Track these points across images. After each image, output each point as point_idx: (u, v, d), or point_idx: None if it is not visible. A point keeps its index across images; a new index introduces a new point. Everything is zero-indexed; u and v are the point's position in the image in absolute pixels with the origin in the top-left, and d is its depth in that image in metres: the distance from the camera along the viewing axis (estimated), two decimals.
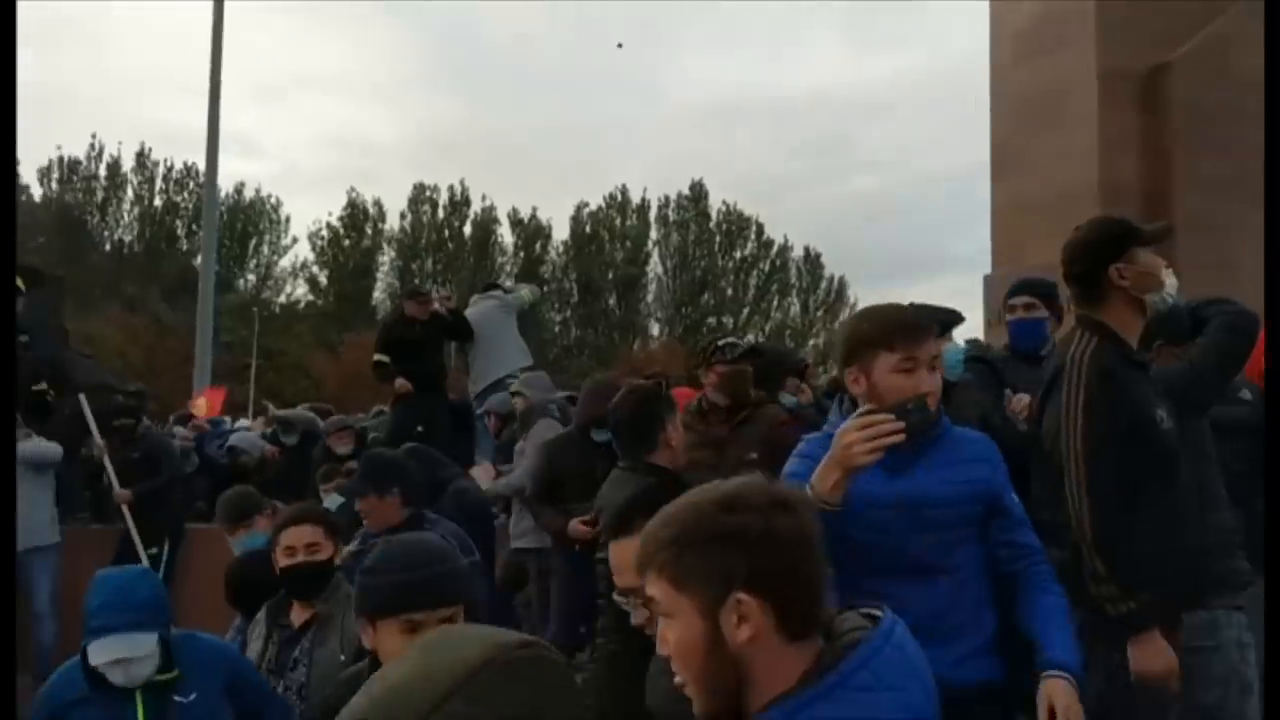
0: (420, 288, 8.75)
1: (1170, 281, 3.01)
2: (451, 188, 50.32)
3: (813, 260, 52.37)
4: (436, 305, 8.22)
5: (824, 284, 52.24)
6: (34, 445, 7.16)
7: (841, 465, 2.25)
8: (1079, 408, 2.82)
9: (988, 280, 7.92)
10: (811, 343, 50.11)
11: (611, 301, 51.36)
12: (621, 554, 1.98)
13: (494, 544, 6.05)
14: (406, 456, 4.42)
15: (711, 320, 50.13)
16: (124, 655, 2.80)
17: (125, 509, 7.32)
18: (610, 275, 50.89)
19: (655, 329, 51.63)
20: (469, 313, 8.31)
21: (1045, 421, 2.96)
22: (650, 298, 52.23)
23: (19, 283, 7.70)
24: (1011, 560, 2.53)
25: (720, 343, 4.68)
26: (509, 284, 9.44)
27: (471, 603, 2.26)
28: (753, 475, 1.37)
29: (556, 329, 50.23)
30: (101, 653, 2.80)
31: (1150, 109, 7.14)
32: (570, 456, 5.19)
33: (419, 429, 7.87)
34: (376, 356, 8.24)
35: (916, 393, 2.34)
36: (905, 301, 4.37)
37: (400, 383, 7.92)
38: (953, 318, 4.00)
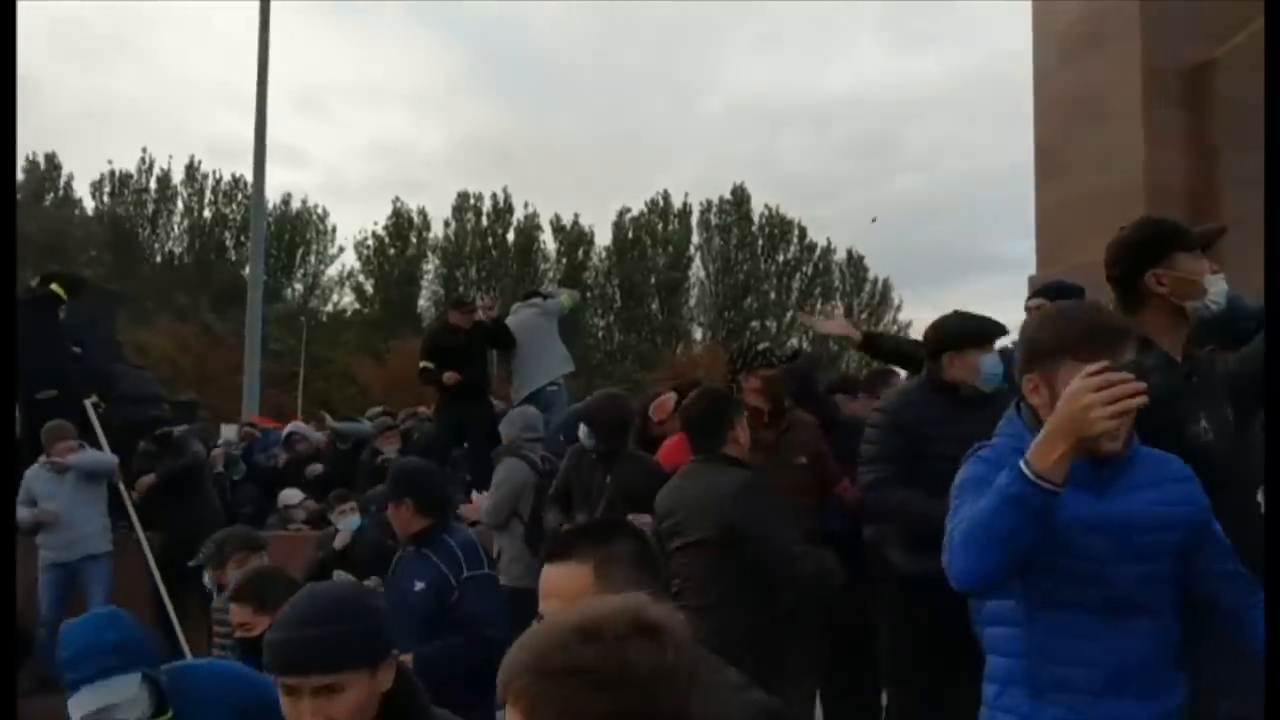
0: (465, 296, 8.79)
1: (1217, 288, 2.83)
2: (494, 195, 50.79)
3: (856, 263, 52.12)
4: (480, 315, 8.29)
5: (868, 286, 51.97)
6: (90, 456, 7.30)
7: (1073, 433, 1.91)
8: None
9: (1033, 281, 7.85)
10: None
11: (654, 306, 51.42)
12: (552, 577, 1.86)
13: None
14: (423, 466, 4.43)
15: (755, 324, 50.03)
16: (104, 703, 2.53)
17: (130, 506, 7.49)
18: (652, 280, 50.95)
19: (698, 333, 51.63)
20: (510, 321, 8.36)
21: None
22: (693, 302, 52.25)
23: (59, 291, 7.86)
24: (1235, 592, 2.24)
25: (760, 347, 4.70)
26: (549, 288, 9.49)
27: (376, 667, 2.05)
28: (626, 595, 1.25)
29: (599, 334, 50.39)
30: (79, 707, 2.52)
31: (1195, 106, 7.04)
32: (582, 466, 5.20)
33: (460, 435, 7.95)
34: (422, 364, 8.33)
35: None
36: (952, 307, 4.38)
37: (449, 375, 7.99)
38: (998, 329, 3.95)
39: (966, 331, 3.89)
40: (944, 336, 3.94)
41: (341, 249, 50.71)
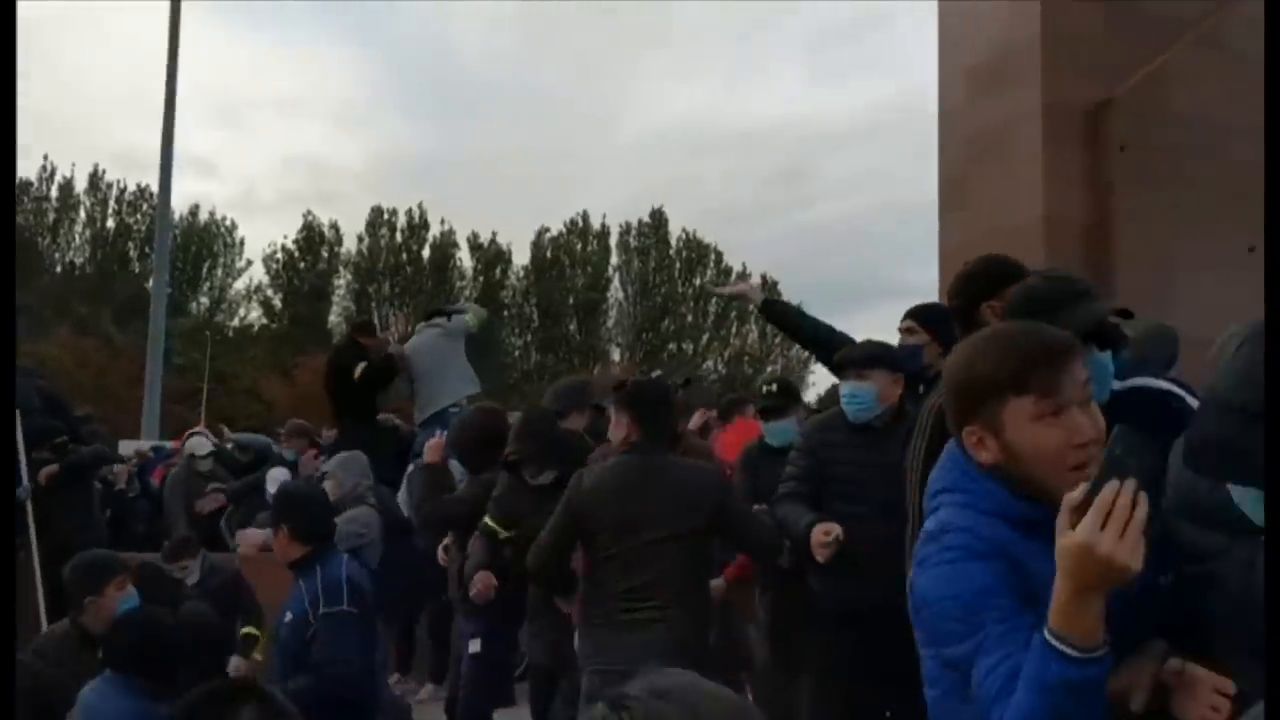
0: (368, 321, 8.64)
1: None
2: (410, 211, 50.29)
3: (771, 288, 52.64)
4: (390, 341, 8.23)
5: None
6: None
7: (1105, 586, 1.48)
8: (919, 461, 2.71)
9: None
10: (770, 368, 50.41)
11: (572, 327, 51.39)
12: None
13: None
14: (304, 492, 4.30)
15: (672, 346, 50.39)
16: None
17: (31, 523, 7.26)
18: (571, 300, 50.95)
19: (616, 354, 51.71)
20: (412, 342, 8.25)
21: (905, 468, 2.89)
22: (611, 323, 52.34)
23: None
24: None
25: (654, 375, 4.73)
26: (462, 305, 9.39)
27: None
28: None
29: (516, 354, 50.15)
30: None
31: (1093, 144, 7.25)
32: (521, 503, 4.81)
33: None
34: (359, 368, 8.09)
35: (1075, 444, 1.66)
36: (862, 333, 4.41)
37: (395, 347, 7.86)
38: (858, 359, 3.96)
39: (840, 359, 3.96)
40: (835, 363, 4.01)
41: (250, 262, 49.82)
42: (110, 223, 47.86)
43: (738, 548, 3.83)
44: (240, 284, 49.98)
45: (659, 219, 51.98)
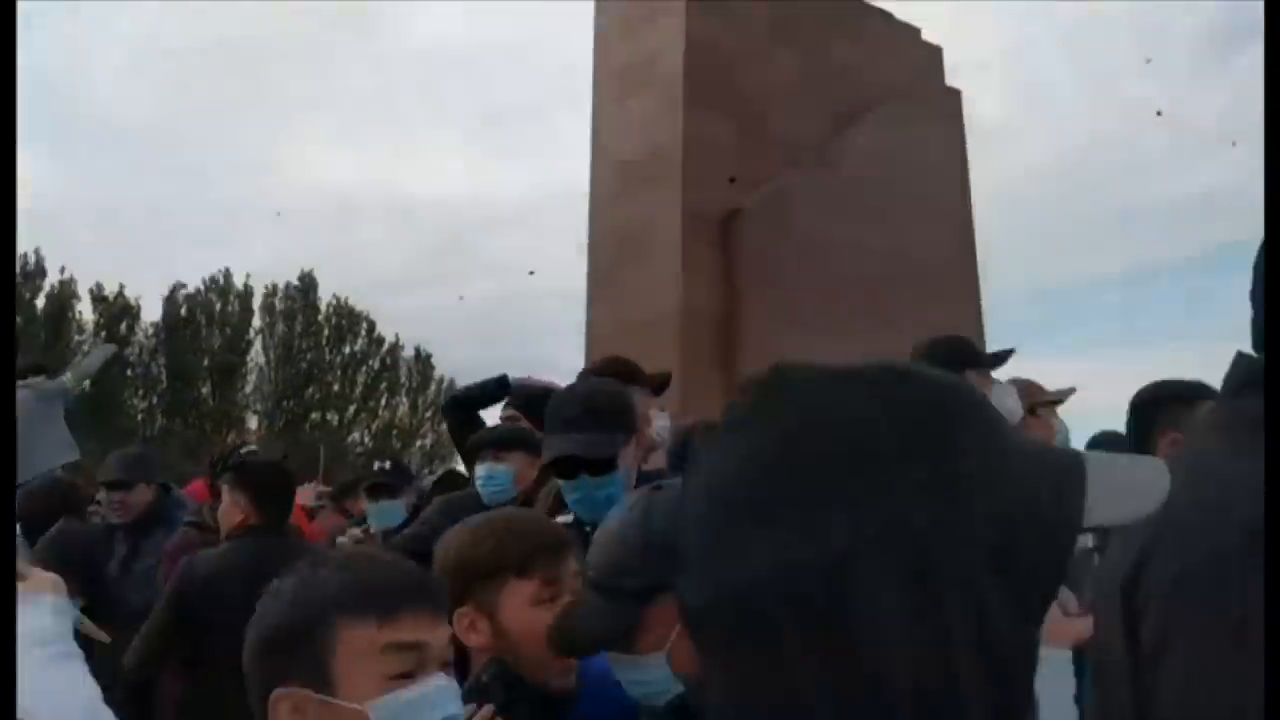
0: None
1: (660, 424, 3.28)
2: (24, 256, 45.42)
3: (424, 361, 52.30)
4: None
5: (434, 385, 52.24)
6: None
7: None
8: None
9: None
10: (419, 443, 49.74)
11: (205, 390, 48.21)
12: None
13: None
14: None
15: (315, 415, 48.49)
16: None
17: None
18: (205, 362, 47.87)
19: (254, 421, 48.95)
20: None
21: None
22: (249, 388, 49.60)
23: None
24: None
25: (244, 450, 4.57)
26: (80, 359, 8.52)
27: None
28: None
29: (140, 417, 46.24)
30: None
31: (725, 247, 7.90)
32: None
33: None
34: None
35: None
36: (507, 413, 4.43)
37: None
38: (480, 443, 3.97)
39: (476, 440, 3.97)
40: None
41: None
42: None
43: None
44: None
45: (308, 283, 50.24)
